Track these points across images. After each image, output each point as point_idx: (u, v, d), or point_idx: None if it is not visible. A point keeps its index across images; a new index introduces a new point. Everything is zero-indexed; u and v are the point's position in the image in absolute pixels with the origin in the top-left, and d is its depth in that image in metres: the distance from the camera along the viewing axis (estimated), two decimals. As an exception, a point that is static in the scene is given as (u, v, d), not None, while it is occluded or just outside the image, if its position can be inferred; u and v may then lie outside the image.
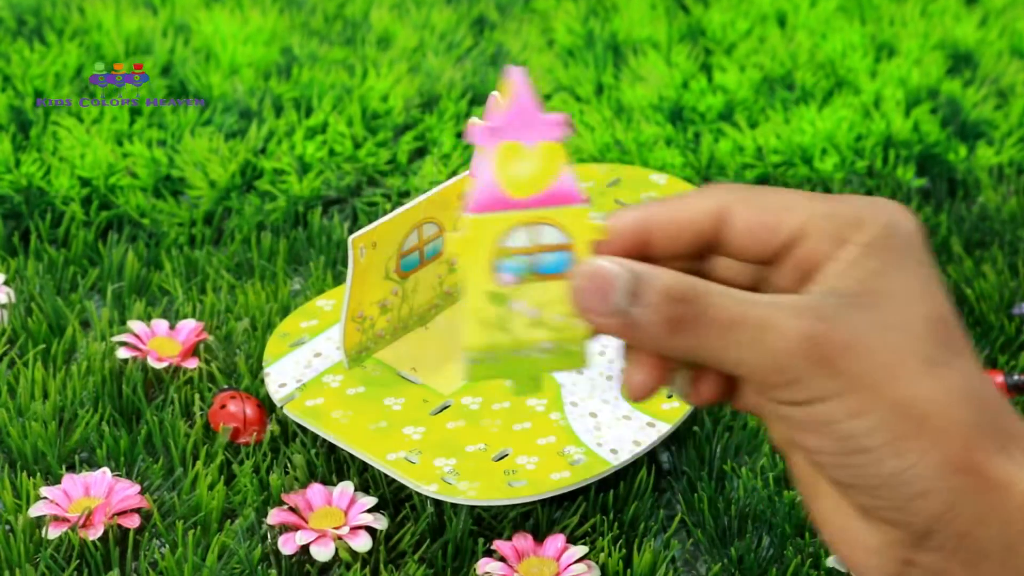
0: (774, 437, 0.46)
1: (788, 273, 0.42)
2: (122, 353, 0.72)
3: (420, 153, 0.95)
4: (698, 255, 0.43)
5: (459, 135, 0.95)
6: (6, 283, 0.79)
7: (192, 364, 0.72)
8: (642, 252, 0.43)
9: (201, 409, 0.70)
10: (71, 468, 0.67)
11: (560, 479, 0.63)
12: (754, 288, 0.44)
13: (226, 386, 0.71)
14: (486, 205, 0.42)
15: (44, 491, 0.64)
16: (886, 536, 0.41)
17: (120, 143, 0.92)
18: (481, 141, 0.43)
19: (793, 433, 0.41)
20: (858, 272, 0.41)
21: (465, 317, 0.42)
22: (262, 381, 0.70)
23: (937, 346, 0.41)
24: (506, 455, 0.64)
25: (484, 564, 0.61)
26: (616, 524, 0.64)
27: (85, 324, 0.78)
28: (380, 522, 0.63)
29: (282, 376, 0.69)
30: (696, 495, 0.66)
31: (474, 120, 0.42)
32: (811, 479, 0.44)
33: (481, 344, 0.43)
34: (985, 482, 0.40)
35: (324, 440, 0.67)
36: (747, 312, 0.40)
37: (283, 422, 0.69)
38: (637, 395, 0.43)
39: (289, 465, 0.67)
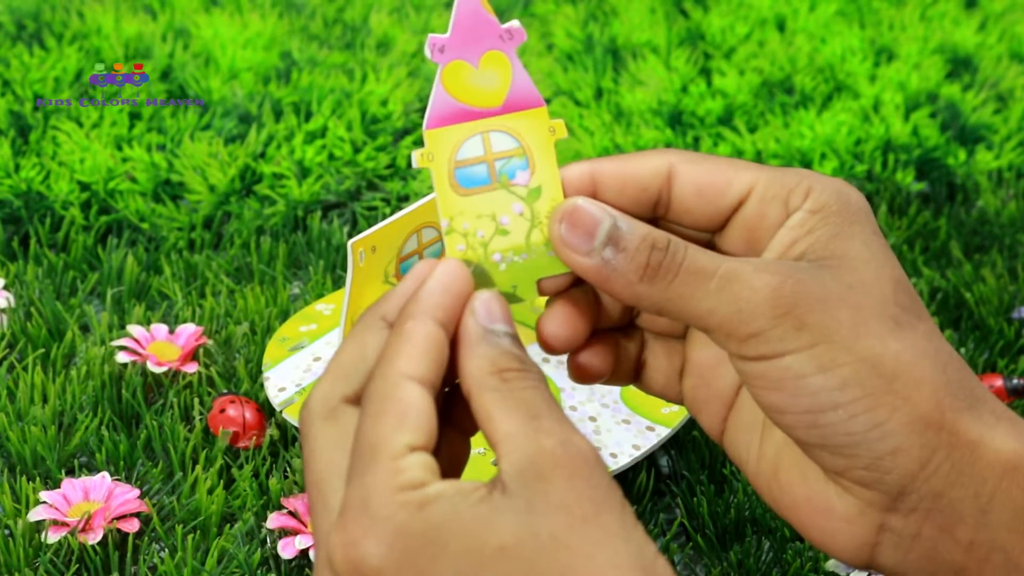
0: (705, 425, 0.45)
1: (735, 238, 0.42)
2: (121, 357, 0.72)
3: (419, 157, 0.95)
4: (646, 213, 0.43)
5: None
6: (6, 287, 0.79)
7: (191, 368, 0.72)
8: None
9: (200, 413, 0.70)
10: (70, 472, 0.67)
11: (559, 483, 0.63)
12: None
13: (225, 390, 0.71)
14: (444, 119, 0.43)
15: (43, 495, 0.63)
16: (858, 500, 0.41)
17: (119, 147, 0.92)
18: (433, 58, 0.43)
19: (759, 392, 0.41)
20: (814, 238, 0.41)
21: (443, 232, 0.43)
22: (261, 385, 0.70)
23: (901, 308, 0.41)
24: (505, 459, 0.64)
25: (483, 568, 0.61)
26: (615, 528, 0.64)
27: (84, 328, 0.78)
28: (379, 526, 0.63)
29: (281, 380, 0.69)
30: (696, 499, 0.66)
31: (430, 35, 0.43)
32: (771, 453, 0.43)
33: (458, 256, 0.43)
34: (957, 440, 0.40)
35: (323, 444, 0.67)
36: (718, 264, 0.40)
37: (282, 426, 0.69)
38: (551, 345, 0.43)
39: (288, 469, 0.67)
